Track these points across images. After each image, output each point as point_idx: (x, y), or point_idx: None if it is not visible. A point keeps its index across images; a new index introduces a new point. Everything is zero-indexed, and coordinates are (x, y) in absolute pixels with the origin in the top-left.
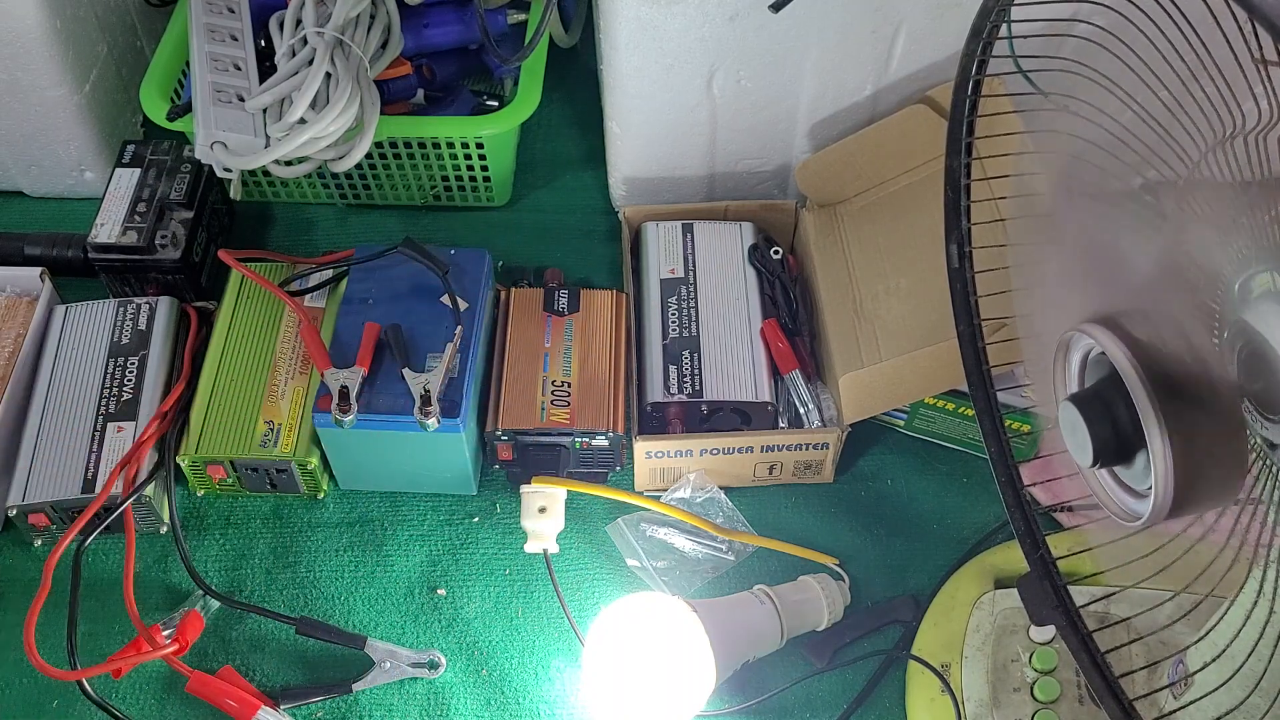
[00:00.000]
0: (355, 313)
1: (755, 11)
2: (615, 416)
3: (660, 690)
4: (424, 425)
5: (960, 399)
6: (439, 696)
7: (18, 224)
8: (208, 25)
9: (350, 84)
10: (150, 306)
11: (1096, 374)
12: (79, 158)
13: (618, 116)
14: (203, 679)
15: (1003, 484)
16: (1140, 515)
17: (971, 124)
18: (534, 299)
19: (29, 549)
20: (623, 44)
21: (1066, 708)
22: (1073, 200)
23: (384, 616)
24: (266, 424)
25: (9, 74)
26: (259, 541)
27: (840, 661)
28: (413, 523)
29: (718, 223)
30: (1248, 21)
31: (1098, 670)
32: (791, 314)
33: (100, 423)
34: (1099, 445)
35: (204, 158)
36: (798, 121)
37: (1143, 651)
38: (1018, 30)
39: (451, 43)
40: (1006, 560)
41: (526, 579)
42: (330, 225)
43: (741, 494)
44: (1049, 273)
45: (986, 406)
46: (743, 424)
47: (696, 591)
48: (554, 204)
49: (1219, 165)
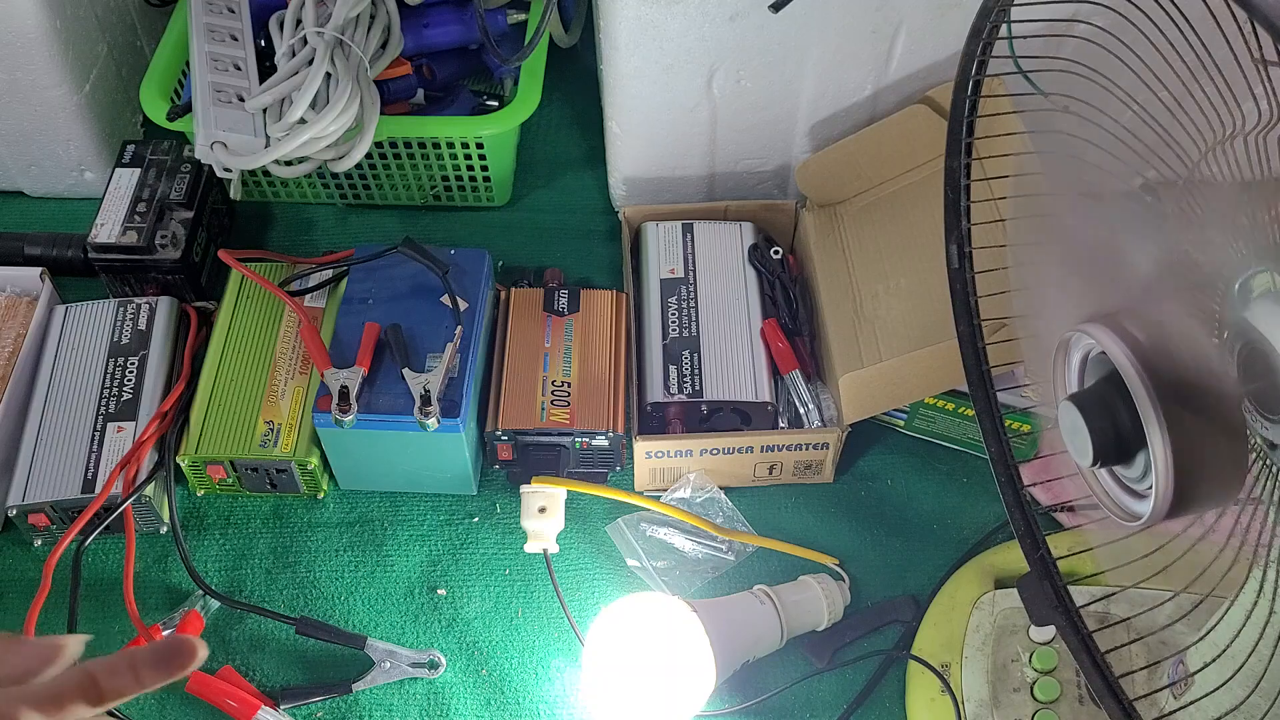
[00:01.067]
0: (355, 313)
1: (755, 11)
2: (615, 416)
3: (660, 690)
4: (424, 425)
5: (960, 399)
6: (439, 696)
7: (18, 224)
8: (208, 25)
9: (350, 84)
10: (150, 306)
11: (1096, 374)
12: (79, 158)
13: (618, 116)
14: (203, 679)
15: (1003, 484)
16: (1140, 515)
17: (971, 124)
18: (534, 299)
19: (29, 549)
20: (623, 44)
21: (1066, 708)
22: (1073, 200)
23: (384, 616)
24: (266, 424)
25: (9, 74)
26: (259, 541)
27: (840, 661)
28: (413, 523)
29: (718, 223)
30: (1248, 21)
31: (1098, 670)
32: (791, 314)
33: (100, 423)
34: (1099, 445)
35: (204, 158)
36: (798, 121)
37: (1143, 651)
38: (1018, 30)
39: (451, 43)
40: (1006, 560)
41: (526, 579)
42: (330, 225)
43: (741, 494)
44: (1049, 273)
45: (986, 406)
46: (743, 424)
47: (696, 591)
48: (554, 204)
49: (1219, 165)
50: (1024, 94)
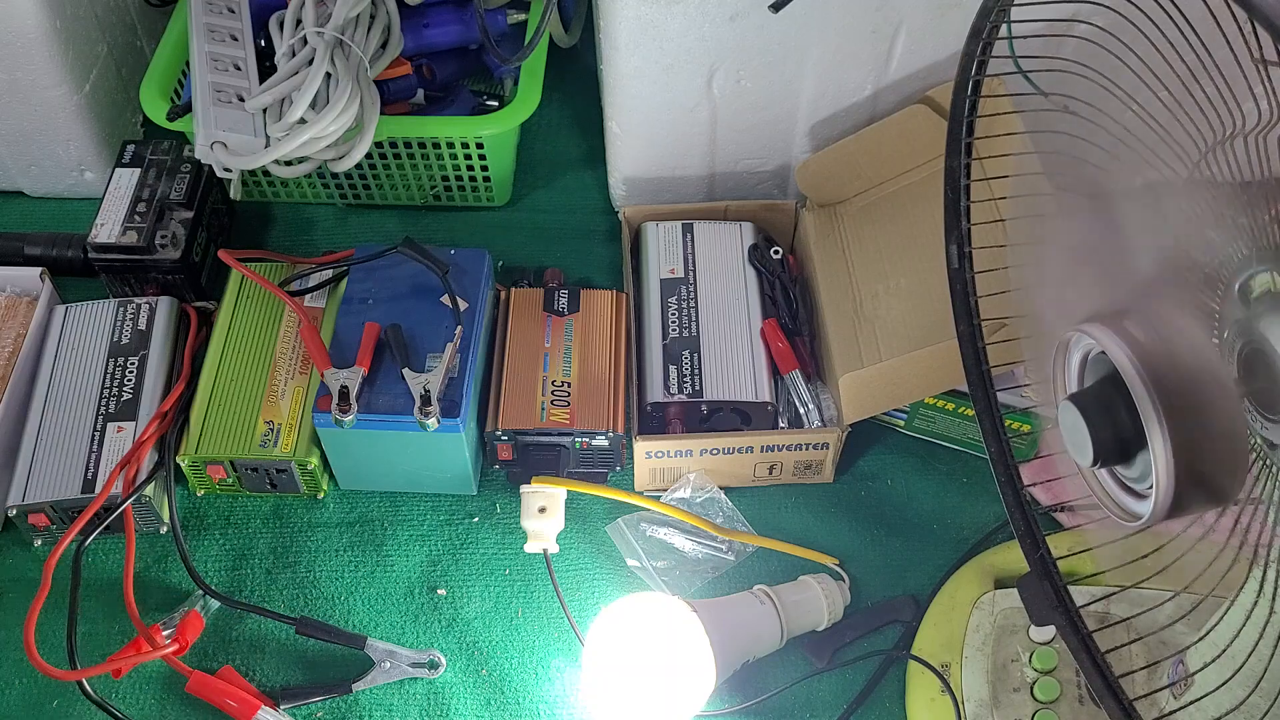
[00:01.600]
0: (355, 313)
1: (755, 11)
2: (615, 416)
3: (660, 690)
4: (424, 425)
5: (960, 399)
6: (439, 696)
7: (18, 224)
8: (208, 25)
9: (350, 84)
10: (150, 306)
11: (1096, 374)
12: (79, 158)
13: (618, 116)
14: (203, 679)
15: (1003, 484)
16: (1140, 515)
17: (971, 124)
18: (534, 299)
19: (29, 549)
20: (623, 44)
21: (1066, 708)
22: (1073, 200)
23: (384, 616)
24: (266, 424)
25: (9, 74)
26: (259, 541)
27: (840, 661)
28: (413, 523)
29: (718, 223)
30: (1248, 21)
31: (1098, 670)
32: (791, 314)
33: (100, 423)
34: (1099, 445)
35: (204, 158)
36: (798, 121)
37: (1143, 651)
38: (1018, 30)
39: (451, 43)
40: (1006, 560)
41: (526, 579)
42: (330, 225)
43: (741, 494)
44: (1049, 273)
45: (986, 406)
46: (743, 424)
47: (696, 591)
48: (554, 204)
49: (1219, 165)
50: (1024, 94)
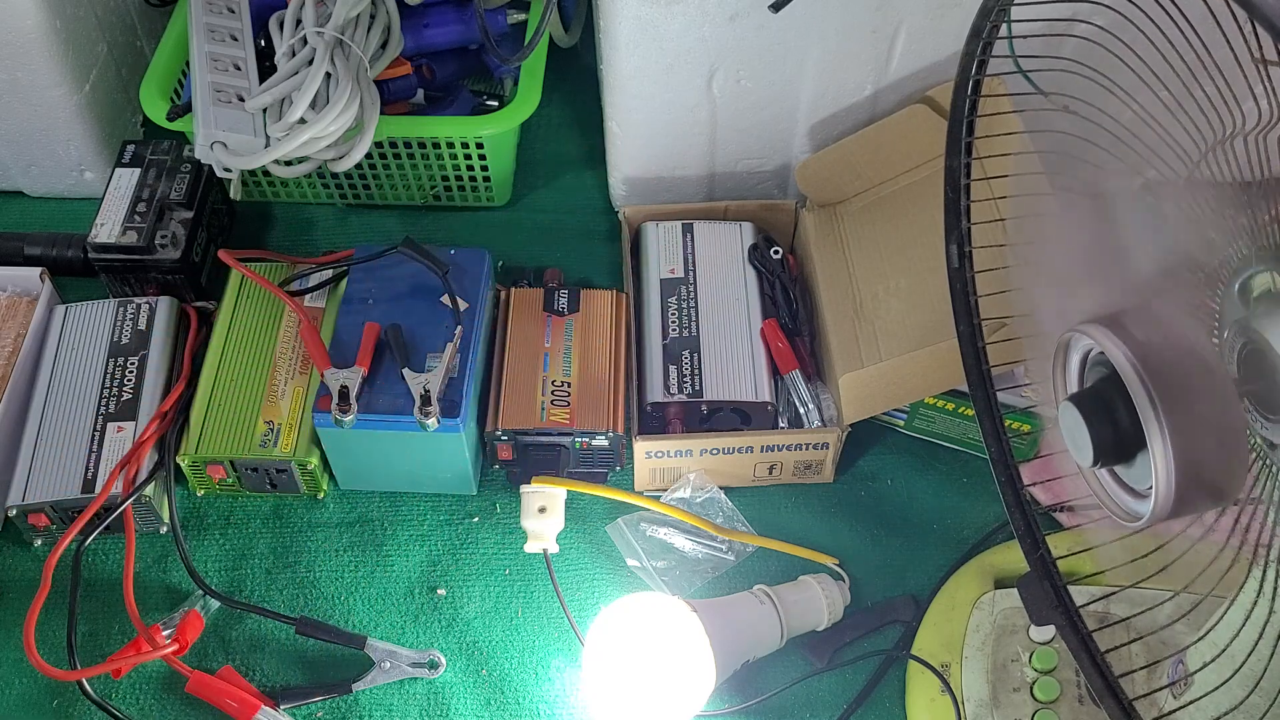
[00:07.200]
0: (355, 313)
1: (755, 11)
2: (615, 416)
3: (660, 690)
4: (424, 425)
5: (960, 399)
6: (439, 696)
7: (18, 224)
8: (208, 25)
9: (350, 84)
10: (150, 306)
11: (1096, 374)
12: (79, 158)
13: (618, 116)
14: (203, 679)
15: (1003, 484)
16: (1140, 515)
17: (971, 124)
18: (534, 299)
19: (29, 549)
20: (623, 44)
21: (1066, 708)
22: (1073, 200)
23: (384, 616)
24: (266, 424)
25: (9, 74)
26: (259, 541)
27: (840, 661)
28: (413, 523)
29: (718, 223)
30: (1248, 21)
31: (1098, 670)
32: (791, 314)
33: (100, 423)
34: (1099, 445)
35: (204, 158)
36: (798, 121)
37: (1143, 651)
38: (1018, 30)
39: (451, 43)
40: (1006, 560)
41: (526, 579)
42: (330, 225)
43: (741, 494)
44: (1049, 273)
45: (986, 406)
46: (743, 424)
47: (696, 591)
48: (554, 204)
49: (1219, 165)
50: (1024, 94)
